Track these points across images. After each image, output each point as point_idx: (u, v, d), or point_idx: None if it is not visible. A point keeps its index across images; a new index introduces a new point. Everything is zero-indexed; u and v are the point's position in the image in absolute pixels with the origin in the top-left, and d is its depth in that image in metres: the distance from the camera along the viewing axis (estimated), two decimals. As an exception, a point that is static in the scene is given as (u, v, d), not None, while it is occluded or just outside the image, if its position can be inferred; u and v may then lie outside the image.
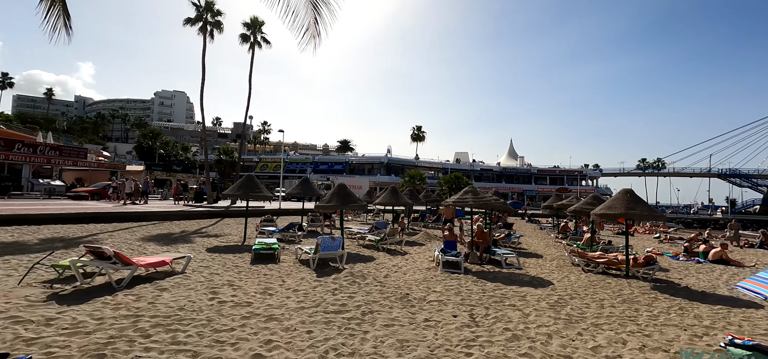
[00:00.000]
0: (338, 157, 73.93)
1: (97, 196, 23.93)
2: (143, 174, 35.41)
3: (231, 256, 9.37)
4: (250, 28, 27.65)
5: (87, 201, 22.91)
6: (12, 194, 23.50)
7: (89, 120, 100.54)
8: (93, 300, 5.35)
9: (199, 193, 25.11)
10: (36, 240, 10.33)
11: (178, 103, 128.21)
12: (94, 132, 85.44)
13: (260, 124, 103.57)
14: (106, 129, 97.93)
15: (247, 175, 12.44)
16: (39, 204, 18.51)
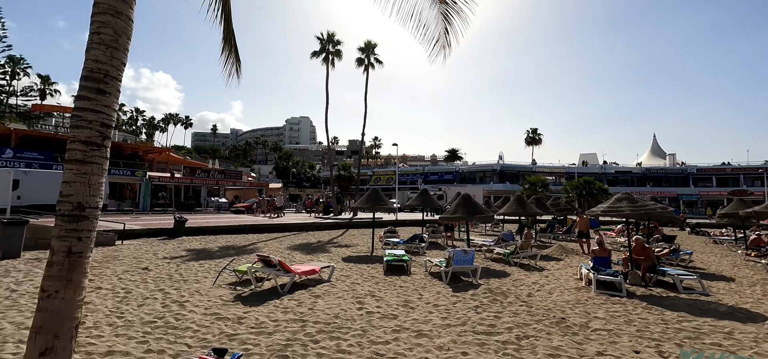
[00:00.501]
0: (448, 166, 73.18)
1: (250, 210, 28.72)
2: (282, 190, 41.19)
3: (365, 266, 9.88)
4: (365, 51, 29.72)
5: (244, 214, 27.71)
6: (196, 210, 30.05)
7: (240, 147, 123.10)
8: (266, 303, 6.18)
9: (326, 206, 27.88)
10: (216, 247, 12.77)
11: (304, 127, 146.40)
12: (244, 157, 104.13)
13: (371, 139, 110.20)
14: (252, 154, 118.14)
15: (372, 188, 13.12)
16: (213, 218, 23.11)
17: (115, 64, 2.65)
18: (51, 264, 2.47)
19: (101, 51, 2.61)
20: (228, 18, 6.61)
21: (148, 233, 14.54)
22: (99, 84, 2.59)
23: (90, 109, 2.56)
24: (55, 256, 2.46)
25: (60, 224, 2.49)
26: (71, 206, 2.49)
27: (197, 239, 14.71)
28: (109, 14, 2.64)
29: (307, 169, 63.34)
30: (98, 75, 2.59)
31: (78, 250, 2.52)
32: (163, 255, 10.60)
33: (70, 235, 2.48)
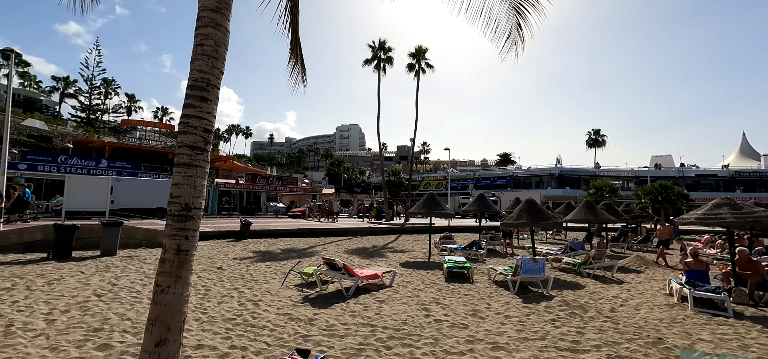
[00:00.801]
0: (500, 171, 70.42)
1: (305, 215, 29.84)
2: (334, 196, 42.37)
3: (424, 272, 9.69)
4: (415, 56, 29.69)
5: (300, 219, 28.87)
6: (257, 214, 31.92)
7: (294, 155, 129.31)
8: (333, 306, 6.26)
9: (379, 212, 28.13)
10: (278, 249, 13.35)
11: (353, 134, 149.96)
12: (297, 164, 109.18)
13: (420, 144, 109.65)
14: (305, 161, 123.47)
15: (429, 193, 12.90)
16: (273, 222, 24.33)
17: (215, 72, 2.81)
18: (163, 261, 2.66)
19: (204, 61, 2.78)
20: (295, 30, 6.84)
21: (218, 235, 15.64)
22: (202, 92, 2.76)
23: (195, 115, 2.73)
24: (166, 254, 2.65)
25: (170, 224, 2.68)
26: (180, 207, 2.67)
27: (261, 241, 15.52)
28: (210, 27, 2.81)
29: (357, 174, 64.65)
30: (201, 83, 2.76)
31: (185, 248, 2.69)
32: (233, 255, 11.30)
33: (178, 234, 2.66)
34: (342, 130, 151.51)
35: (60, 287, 6.65)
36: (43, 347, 4.14)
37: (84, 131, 44.56)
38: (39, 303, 5.70)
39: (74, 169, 25.24)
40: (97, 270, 8.20)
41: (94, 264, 8.94)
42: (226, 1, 2.90)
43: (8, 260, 8.90)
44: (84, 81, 55.35)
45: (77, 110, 54.42)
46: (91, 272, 8.02)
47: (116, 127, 50.98)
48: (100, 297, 6.19)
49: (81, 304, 5.73)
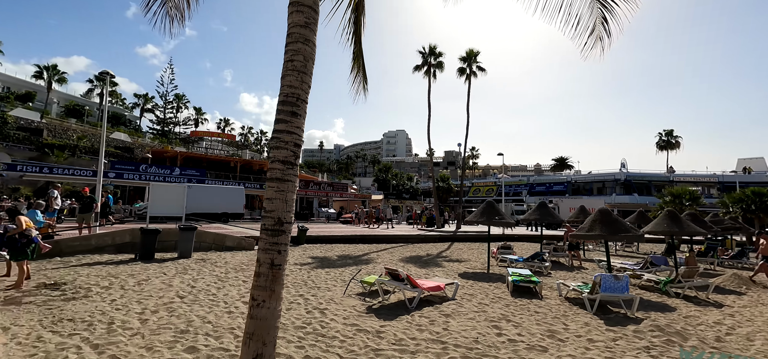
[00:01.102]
0: (556, 176, 66.31)
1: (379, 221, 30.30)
2: (383, 202, 42.62)
3: (486, 285, 9.25)
4: (466, 60, 29.01)
5: (351, 224, 29.38)
6: (310, 219, 33.06)
7: (342, 161, 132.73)
8: (398, 318, 6.13)
9: (430, 218, 27.74)
10: (335, 256, 13.59)
11: (400, 140, 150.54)
12: (346, 170, 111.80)
13: (468, 149, 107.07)
14: (353, 167, 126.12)
15: (488, 200, 12.38)
16: (325, 227, 24.99)
17: (304, 87, 2.83)
18: (258, 275, 2.70)
19: (294, 77, 2.81)
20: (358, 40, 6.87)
21: (277, 240, 16.35)
22: (293, 107, 2.79)
23: (286, 130, 2.77)
24: (261, 268, 2.69)
25: (264, 238, 2.72)
26: (273, 221, 2.71)
27: (316, 247, 15.94)
28: (300, 42, 2.85)
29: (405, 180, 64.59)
30: (292, 99, 2.80)
31: (278, 263, 2.71)
32: (294, 261, 11.66)
33: (272, 248, 2.69)
34: (389, 135, 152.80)
35: (148, 288, 7.26)
36: (140, 346, 4.47)
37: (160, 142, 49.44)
38: (132, 302, 6.25)
39: (153, 177, 28.00)
40: (177, 272, 8.87)
41: (174, 265, 9.70)
42: (314, 16, 2.92)
43: (104, 260, 9.96)
44: (160, 97, 61.54)
45: (154, 123, 60.62)
46: (171, 273, 8.70)
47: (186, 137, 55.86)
48: (182, 298, 6.64)
49: (167, 305, 6.18)
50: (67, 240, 10.60)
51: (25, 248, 6.88)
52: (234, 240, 13.62)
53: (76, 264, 9.20)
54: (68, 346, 4.35)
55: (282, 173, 2.72)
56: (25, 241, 6.89)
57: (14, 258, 6.82)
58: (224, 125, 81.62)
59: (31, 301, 6.02)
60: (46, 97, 48.61)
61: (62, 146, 36.70)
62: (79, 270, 8.48)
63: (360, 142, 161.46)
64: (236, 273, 9.21)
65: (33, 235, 7.04)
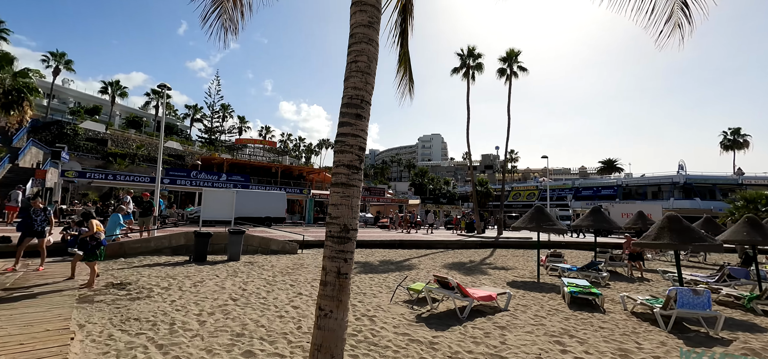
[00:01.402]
0: (604, 179, 62.31)
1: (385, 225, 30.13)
2: (420, 206, 42.18)
3: (539, 295, 8.71)
4: (507, 60, 28.09)
5: (389, 229, 29.28)
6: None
7: (377, 166, 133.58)
8: (450, 328, 5.87)
9: (470, 224, 26.99)
10: (376, 261, 13.50)
11: (435, 144, 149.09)
12: (381, 175, 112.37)
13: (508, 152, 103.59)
14: (388, 172, 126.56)
15: (537, 205, 11.75)
16: (364, 232, 25.06)
17: (368, 89, 2.72)
18: (324, 284, 2.61)
19: (358, 78, 2.71)
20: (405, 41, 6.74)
21: (318, 244, 16.57)
22: (357, 109, 2.69)
23: (350, 133, 2.67)
24: (327, 276, 2.60)
25: (330, 245, 2.63)
26: (339, 228, 2.60)
27: (357, 252, 15.96)
28: (364, 43, 2.74)
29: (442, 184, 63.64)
30: (356, 101, 2.70)
31: (345, 272, 2.60)
32: (337, 265, 11.71)
33: (338, 257, 2.59)
34: (424, 140, 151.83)
35: (204, 289, 7.54)
36: (200, 348, 4.57)
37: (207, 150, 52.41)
38: (190, 303, 6.49)
39: (202, 183, 29.65)
40: (228, 275, 9.16)
41: (225, 268, 10.06)
42: (377, 15, 2.81)
43: (162, 261, 10.55)
44: (207, 107, 65.50)
45: (202, 132, 64.51)
46: (223, 276, 9.00)
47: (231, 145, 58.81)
48: (235, 301, 6.81)
49: (222, 307, 6.34)
50: (129, 242, 11.36)
51: (95, 250, 7.39)
52: (278, 244, 13.96)
53: (138, 265, 9.81)
54: (136, 345, 4.54)
55: (347, 178, 2.62)
56: (95, 244, 7.40)
57: (86, 259, 7.35)
58: (265, 132, 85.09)
59: (101, 300, 6.43)
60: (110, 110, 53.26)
61: (123, 155, 39.97)
62: (141, 271, 9.01)
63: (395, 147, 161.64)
64: (283, 276, 9.37)
65: (102, 238, 7.55)
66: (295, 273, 10.00)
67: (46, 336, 4.44)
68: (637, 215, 16.03)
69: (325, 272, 2.62)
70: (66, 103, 52.92)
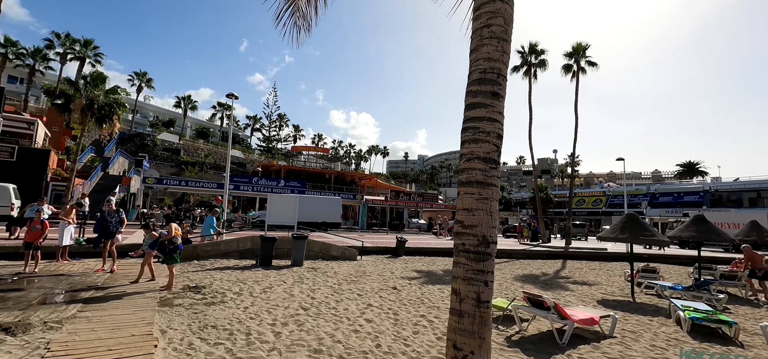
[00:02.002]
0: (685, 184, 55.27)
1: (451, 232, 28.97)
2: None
3: (643, 319, 7.39)
4: (573, 55, 25.88)
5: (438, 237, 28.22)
6: (402, 230, 32.85)
7: (427, 172, 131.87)
8: (552, 357, 4.99)
9: (534, 232, 25.08)
10: (440, 270, 12.72)
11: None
12: (431, 180, 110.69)
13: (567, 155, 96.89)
14: (437, 177, 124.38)
15: (629, 213, 10.25)
16: (420, 239, 24.30)
17: (505, 59, 2.11)
18: (459, 315, 2.01)
19: (493, 46, 2.11)
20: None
21: (376, 251, 16.17)
22: (493, 86, 2.09)
23: (486, 117, 2.07)
24: (463, 304, 2.00)
25: (464, 263, 2.03)
26: (476, 240, 2.00)
27: (417, 259, 15.30)
28: (499, 1, 2.13)
29: (496, 190, 60.76)
30: (491, 75, 2.09)
31: (486, 299, 1.99)
32: (400, 274, 11.14)
33: (477, 278, 1.98)
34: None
35: (273, 296, 7.36)
36: (280, 364, 4.22)
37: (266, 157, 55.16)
38: (263, 311, 6.29)
39: (262, 189, 30.96)
40: (294, 281, 9.00)
41: (290, 274, 9.96)
42: (513, -34, 2.19)
43: (231, 265, 10.75)
44: (265, 117, 69.20)
45: (261, 141, 68.23)
46: (290, 282, 8.84)
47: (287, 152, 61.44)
48: (306, 310, 6.50)
49: (294, 318, 6.05)
50: (202, 245, 11.79)
51: (173, 253, 7.55)
52: (338, 250, 13.76)
53: (210, 268, 10.04)
54: (215, 357, 4.31)
55: (484, 174, 2.02)
56: (172, 247, 7.56)
57: (165, 262, 7.53)
58: (318, 140, 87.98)
59: (180, 303, 6.46)
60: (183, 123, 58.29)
61: (193, 163, 43.30)
62: (213, 275, 9.16)
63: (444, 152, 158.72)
64: (349, 285, 8.99)
65: (178, 242, 7.71)
66: (360, 281, 9.60)
67: (132, 342, 4.37)
68: (750, 225, 13.48)
69: (459, 298, 2.02)
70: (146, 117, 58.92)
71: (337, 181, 44.06)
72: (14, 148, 22.42)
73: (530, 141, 25.26)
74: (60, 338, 4.37)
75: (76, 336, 4.44)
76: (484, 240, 1.98)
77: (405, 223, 36.62)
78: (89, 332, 4.61)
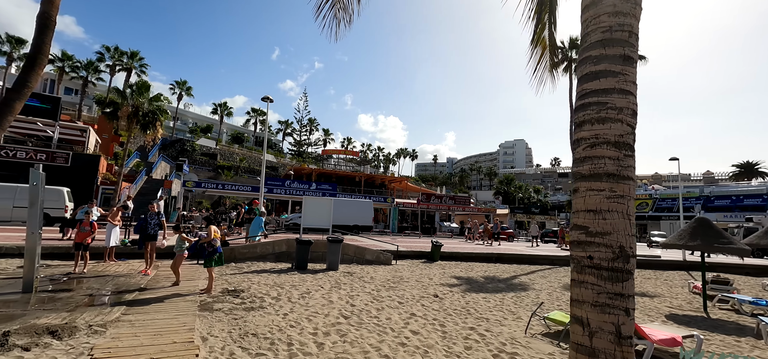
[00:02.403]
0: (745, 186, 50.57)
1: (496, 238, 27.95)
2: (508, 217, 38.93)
3: (728, 339, 6.45)
4: (618, 48, 24.23)
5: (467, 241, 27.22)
6: (434, 234, 32.12)
7: (456, 174, 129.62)
8: (634, 384, 4.30)
9: (575, 237, 23.62)
10: (480, 277, 12.05)
11: (518, 150, 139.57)
12: (461, 183, 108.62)
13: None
14: (467, 180, 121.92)
15: (699, 217, 9.15)
16: (455, 243, 23.54)
17: (637, 13, 1.59)
18: (592, 354, 1.49)
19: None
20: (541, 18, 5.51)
21: (411, 255, 15.68)
22: (624, 48, 1.60)
23: (617, 88, 1.58)
24: (596, 339, 1.50)
25: (595, 283, 1.54)
26: (611, 252, 1.50)
27: (454, 265, 14.68)
28: (625, -61, 1.63)
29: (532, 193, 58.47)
30: (621, 33, 1.60)
31: (628, 333, 1.48)
32: (439, 281, 10.61)
33: (614, 305, 1.48)
34: (505, 146, 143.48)
35: (312, 303, 7.08)
36: (326, 381, 3.86)
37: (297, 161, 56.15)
38: (303, 319, 5.99)
39: (294, 192, 31.34)
40: (331, 286, 8.70)
41: (326, 278, 9.69)
42: None
43: (268, 268, 10.65)
44: (297, 122, 70.64)
45: (292, 145, 69.70)
46: (327, 287, 8.56)
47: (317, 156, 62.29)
48: (347, 319, 6.15)
49: (335, 327, 5.71)
50: (239, 247, 11.82)
51: (212, 256, 7.45)
52: (373, 254, 13.42)
53: (247, 271, 9.98)
54: (258, 370, 4.02)
55: (617, 165, 1.52)
56: (211, 250, 7.47)
57: (205, 265, 7.45)
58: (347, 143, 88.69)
59: (219, 308, 6.30)
60: (219, 128, 60.61)
61: (229, 167, 44.74)
62: (251, 278, 9.05)
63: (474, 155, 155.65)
64: (387, 291, 8.59)
65: (217, 245, 7.61)
66: (398, 287, 9.17)
67: (173, 350, 4.18)
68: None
69: (584, 330, 1.50)
70: (186, 124, 61.78)
71: (367, 184, 43.98)
72: (69, 154, 23.93)
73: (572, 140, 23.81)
74: (103, 344, 4.25)
75: (119, 342, 4.31)
76: (621, 252, 1.48)
77: (436, 227, 35.84)
78: (132, 338, 4.47)
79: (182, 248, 7.85)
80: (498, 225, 27.56)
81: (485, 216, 38.53)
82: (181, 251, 7.82)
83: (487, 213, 39.68)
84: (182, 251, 7.83)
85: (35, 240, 6.43)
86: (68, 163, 23.46)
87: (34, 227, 6.42)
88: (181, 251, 7.82)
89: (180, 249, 7.84)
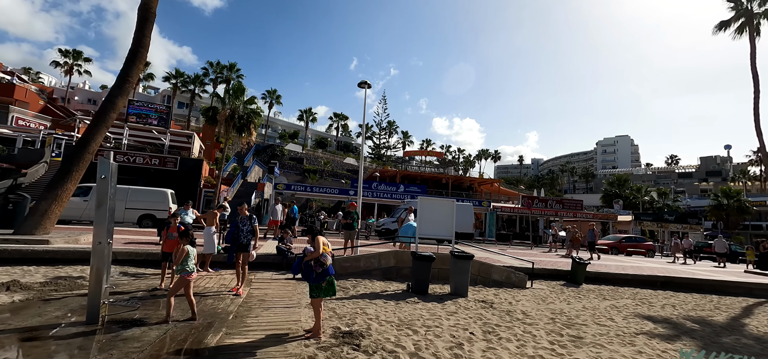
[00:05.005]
0: None
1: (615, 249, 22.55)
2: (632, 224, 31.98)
3: None
4: None
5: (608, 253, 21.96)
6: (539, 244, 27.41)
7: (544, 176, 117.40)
8: None
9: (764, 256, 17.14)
10: (658, 315, 8.08)
11: (622, 148, 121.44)
12: (551, 186, 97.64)
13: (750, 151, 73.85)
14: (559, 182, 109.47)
15: None
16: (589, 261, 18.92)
17: None
18: None
19: None
20: None
21: (548, 275, 12.10)
22: None
23: None
24: None
25: None
26: None
27: (611, 291, 10.81)
28: None
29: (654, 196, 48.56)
30: None
31: None
32: (623, 323, 7.04)
33: None
34: (605, 144, 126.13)
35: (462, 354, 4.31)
36: None
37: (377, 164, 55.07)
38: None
39: (381, 194, 29.46)
40: (483, 331, 5.83)
41: (462, 312, 6.88)
42: None
43: (378, 290, 8.26)
44: (376, 125, 70.12)
45: (371, 148, 69.35)
46: (477, 333, 5.70)
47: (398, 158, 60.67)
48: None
49: None
50: (339, 260, 9.69)
51: (321, 280, 5.11)
52: (500, 273, 10.29)
53: (355, 294, 7.68)
54: None
55: None
56: (320, 270, 5.14)
57: (311, 295, 5.16)
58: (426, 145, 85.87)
59: (339, 375, 3.89)
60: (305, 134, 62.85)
61: (315, 171, 45.26)
62: (364, 307, 6.67)
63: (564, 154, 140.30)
64: (567, 349, 5.41)
65: (328, 263, 5.25)
66: (580, 336, 5.90)
67: None
68: None
69: None
70: (276, 131, 65.41)
71: (454, 186, 40.51)
72: (177, 158, 25.32)
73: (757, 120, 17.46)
74: None
75: None
76: None
77: (542, 234, 30.83)
78: None
79: (187, 268, 5.36)
80: (595, 232, 21.18)
81: (603, 223, 32.15)
82: (186, 272, 5.31)
83: (604, 220, 33.13)
84: (189, 272, 5.34)
85: (103, 254, 4.76)
86: (176, 167, 24.74)
87: (101, 235, 4.74)
88: (186, 272, 5.31)
89: (185, 269, 5.32)
